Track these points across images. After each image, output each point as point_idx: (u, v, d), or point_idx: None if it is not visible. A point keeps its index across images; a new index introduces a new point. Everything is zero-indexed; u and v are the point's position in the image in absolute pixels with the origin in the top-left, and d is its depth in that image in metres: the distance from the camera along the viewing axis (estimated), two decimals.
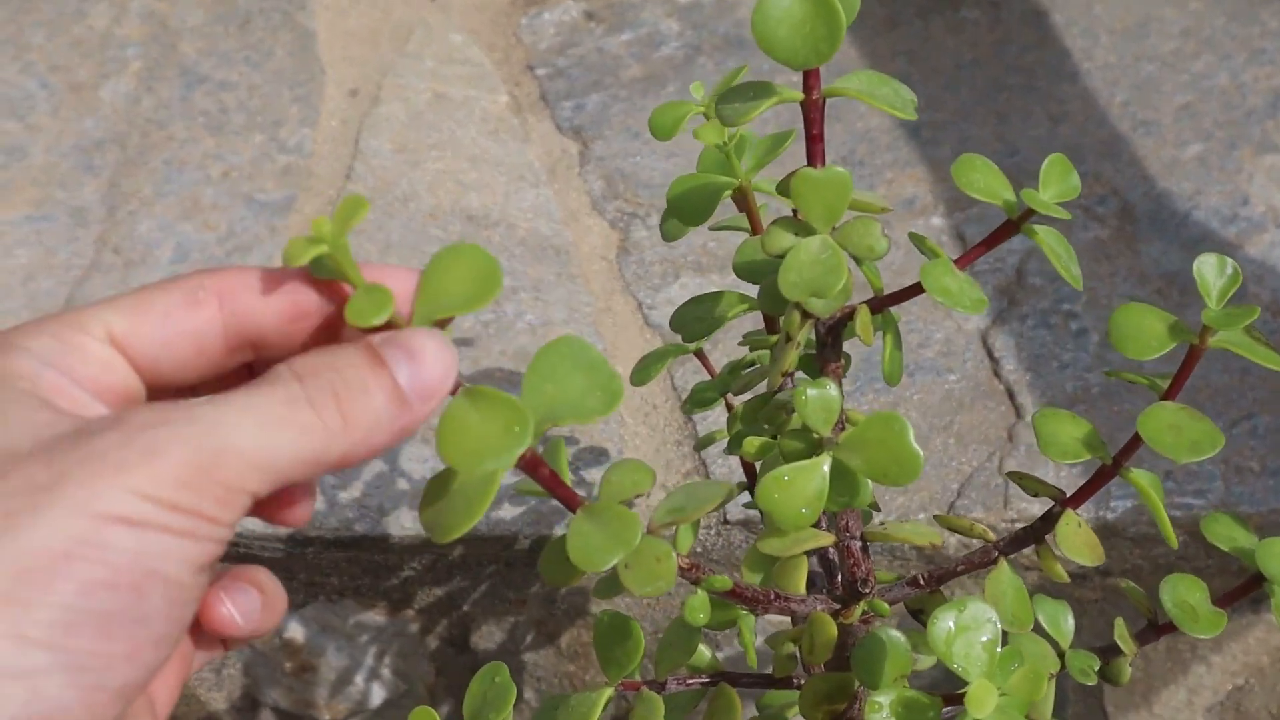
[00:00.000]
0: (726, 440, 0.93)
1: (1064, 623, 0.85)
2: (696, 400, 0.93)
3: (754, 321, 1.11)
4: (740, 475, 1.08)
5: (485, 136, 1.35)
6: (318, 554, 1.10)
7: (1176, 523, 1.05)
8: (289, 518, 0.61)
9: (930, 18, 1.42)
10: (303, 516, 0.61)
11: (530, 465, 0.59)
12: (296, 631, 1.15)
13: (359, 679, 1.18)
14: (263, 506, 0.58)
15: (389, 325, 0.55)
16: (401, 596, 1.14)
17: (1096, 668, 0.84)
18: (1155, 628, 0.85)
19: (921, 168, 1.30)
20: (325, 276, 0.56)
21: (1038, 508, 1.05)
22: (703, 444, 0.98)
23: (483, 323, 1.19)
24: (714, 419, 1.11)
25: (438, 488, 0.57)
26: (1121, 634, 0.84)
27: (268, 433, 0.52)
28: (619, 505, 0.61)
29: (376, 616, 1.15)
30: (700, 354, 0.96)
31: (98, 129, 1.35)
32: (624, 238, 1.27)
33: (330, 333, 0.57)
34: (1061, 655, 0.85)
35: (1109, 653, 0.86)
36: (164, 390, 0.58)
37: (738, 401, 0.90)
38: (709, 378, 0.97)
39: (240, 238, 1.26)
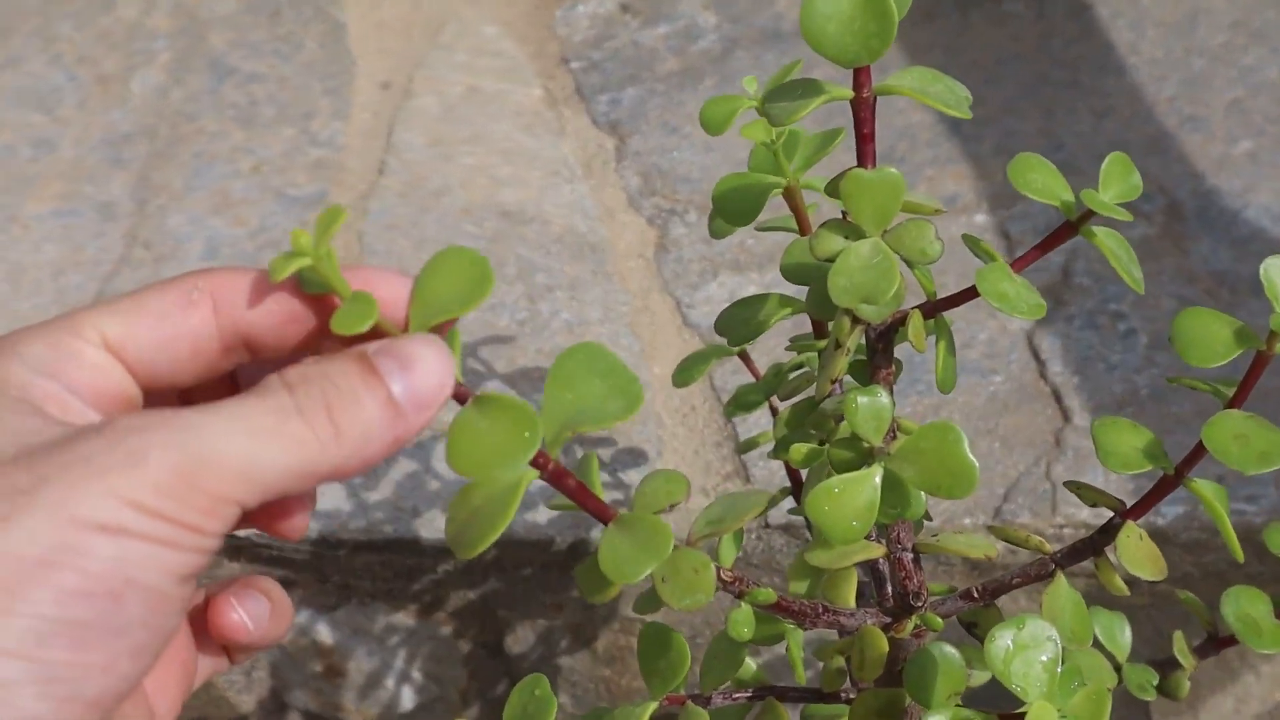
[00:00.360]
0: (769, 444, 0.92)
1: (1120, 635, 0.84)
2: (739, 403, 0.91)
3: (797, 322, 1.10)
4: (782, 478, 1.06)
5: (519, 131, 1.33)
6: (350, 556, 1.09)
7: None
8: (283, 530, 0.60)
9: (970, 10, 1.40)
10: (298, 529, 0.60)
11: (555, 476, 0.58)
12: (327, 634, 1.14)
13: (390, 682, 1.17)
14: (256, 518, 0.58)
15: (378, 332, 0.55)
16: (434, 599, 1.12)
17: (1154, 682, 0.83)
18: (1215, 641, 0.84)
19: (963, 164, 1.28)
20: (313, 291, 0.56)
21: (1086, 513, 1.04)
22: (745, 448, 0.97)
23: (518, 321, 1.18)
24: (754, 421, 1.10)
25: (461, 502, 0.57)
26: (1181, 648, 0.83)
27: (256, 443, 0.52)
28: (651, 515, 0.60)
29: (408, 620, 1.14)
30: (744, 356, 0.95)
31: (126, 122, 1.34)
32: (661, 235, 1.25)
33: (326, 335, 0.57)
34: (1118, 669, 0.83)
35: (1166, 666, 0.85)
36: (160, 393, 0.58)
37: (783, 405, 0.89)
38: (750, 379, 0.95)
39: (271, 233, 1.25)
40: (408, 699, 1.17)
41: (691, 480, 1.08)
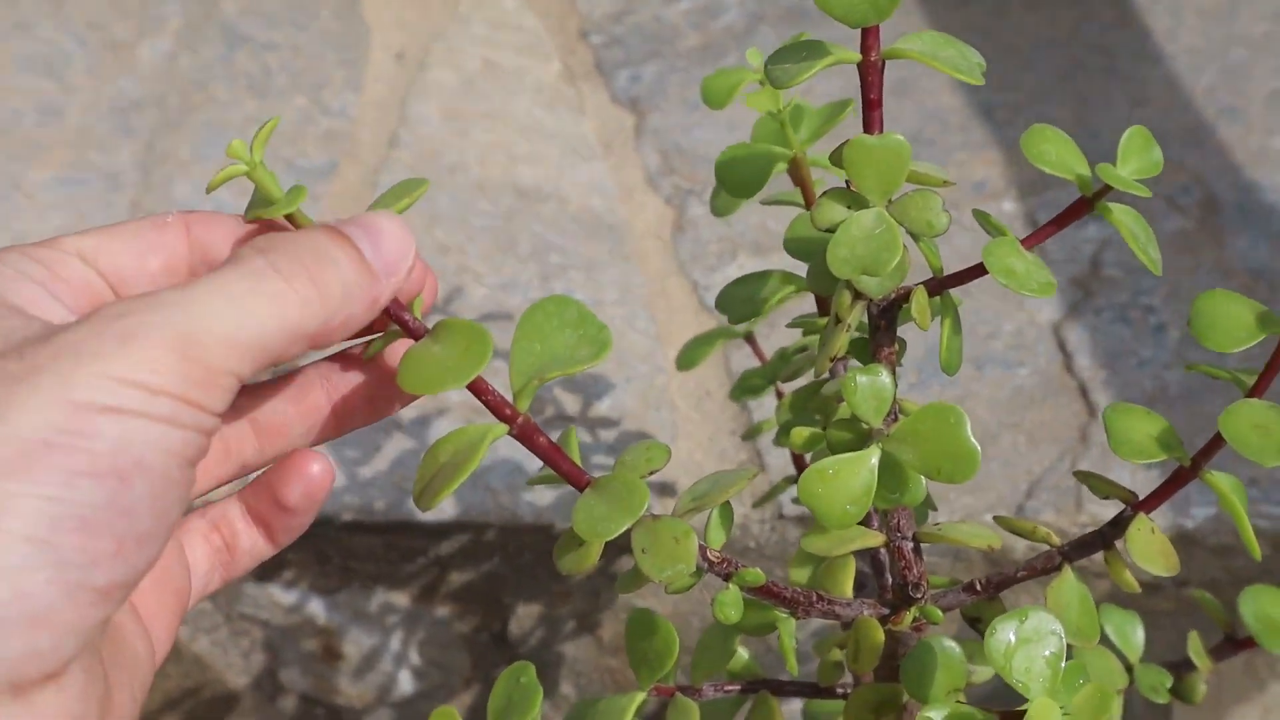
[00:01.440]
0: (774, 430, 0.90)
1: (1133, 635, 0.82)
2: (744, 388, 0.90)
3: (813, 304, 1.08)
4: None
5: (538, 106, 1.31)
6: (351, 537, 1.07)
7: (1261, 533, 1.01)
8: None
9: None
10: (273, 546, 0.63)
11: (524, 433, 0.59)
12: (326, 616, 1.12)
13: (389, 666, 1.15)
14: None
15: (294, 221, 0.58)
16: (437, 584, 1.11)
17: (1168, 685, 0.81)
18: (1233, 643, 0.82)
19: (994, 150, 1.26)
20: (259, 215, 0.58)
21: (1113, 512, 1.01)
22: (750, 434, 0.95)
23: (531, 301, 1.15)
24: (770, 406, 1.08)
25: (430, 460, 0.59)
26: (1196, 649, 0.81)
27: (240, 307, 0.53)
28: (627, 475, 0.61)
29: (410, 604, 1.12)
30: (751, 338, 0.93)
31: (135, 89, 1.32)
32: (679, 215, 1.23)
33: None
34: (1130, 670, 0.81)
35: (1182, 668, 0.83)
36: None
37: (786, 389, 0.87)
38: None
39: None
40: (407, 683, 1.16)
41: (705, 468, 1.06)
